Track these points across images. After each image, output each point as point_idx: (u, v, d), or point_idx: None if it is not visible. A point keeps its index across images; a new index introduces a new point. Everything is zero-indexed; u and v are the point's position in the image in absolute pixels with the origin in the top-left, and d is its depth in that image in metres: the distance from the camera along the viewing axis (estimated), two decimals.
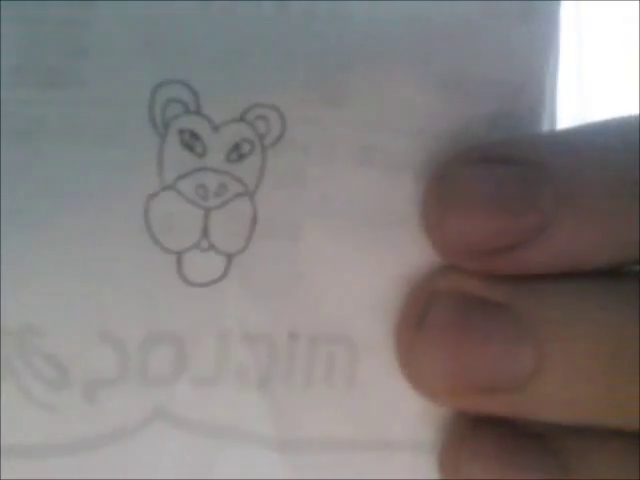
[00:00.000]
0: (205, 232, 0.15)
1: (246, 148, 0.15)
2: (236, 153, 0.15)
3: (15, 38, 0.15)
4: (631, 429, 0.14)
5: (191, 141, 0.15)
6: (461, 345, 0.14)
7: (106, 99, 0.15)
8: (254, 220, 0.15)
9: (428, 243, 0.15)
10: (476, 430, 0.15)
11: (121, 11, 0.15)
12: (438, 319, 0.15)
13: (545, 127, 0.16)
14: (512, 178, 0.14)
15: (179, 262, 0.15)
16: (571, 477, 0.15)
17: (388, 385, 0.16)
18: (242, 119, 0.15)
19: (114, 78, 0.15)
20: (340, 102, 0.15)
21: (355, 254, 0.16)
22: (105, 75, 0.15)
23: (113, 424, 0.15)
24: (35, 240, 0.15)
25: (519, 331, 0.14)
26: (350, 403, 0.16)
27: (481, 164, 0.15)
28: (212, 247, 0.15)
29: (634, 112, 0.15)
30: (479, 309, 0.15)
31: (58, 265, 0.15)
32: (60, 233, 0.15)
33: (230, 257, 0.15)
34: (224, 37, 0.15)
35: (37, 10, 0.15)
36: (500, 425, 0.15)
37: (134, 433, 0.15)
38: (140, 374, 0.15)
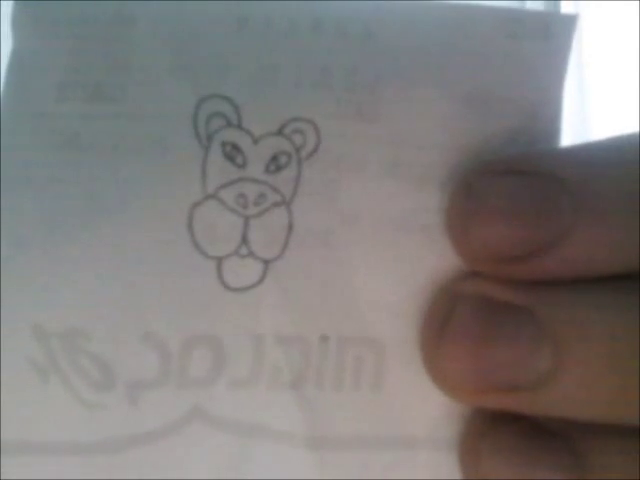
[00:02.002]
0: (244, 239, 0.16)
1: (283, 160, 0.16)
2: (274, 164, 0.16)
3: (61, 55, 0.15)
4: None
5: (232, 153, 0.15)
6: (483, 345, 0.15)
7: (149, 113, 0.15)
8: (290, 228, 0.16)
9: (452, 250, 0.16)
10: (496, 426, 0.16)
11: (161, 29, 0.15)
12: (462, 320, 0.15)
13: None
14: (532, 190, 0.15)
15: (219, 268, 0.16)
16: (588, 477, 0.15)
17: (412, 386, 0.17)
18: (280, 132, 0.16)
19: (157, 93, 0.15)
20: (371, 117, 0.16)
21: (383, 260, 0.16)
22: (148, 90, 0.15)
23: (153, 423, 0.16)
24: (81, 247, 0.15)
25: (539, 332, 0.15)
26: (376, 403, 0.17)
27: (503, 176, 0.15)
28: (250, 254, 0.16)
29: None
30: (501, 311, 0.15)
31: (103, 270, 0.15)
32: (105, 240, 0.15)
33: (267, 263, 0.16)
34: (261, 54, 0.16)
35: (81, 28, 0.15)
36: (520, 422, 0.16)
37: (172, 432, 0.16)
38: (180, 375, 0.16)
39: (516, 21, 0.16)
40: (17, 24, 0.16)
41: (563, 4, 0.64)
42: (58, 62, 0.15)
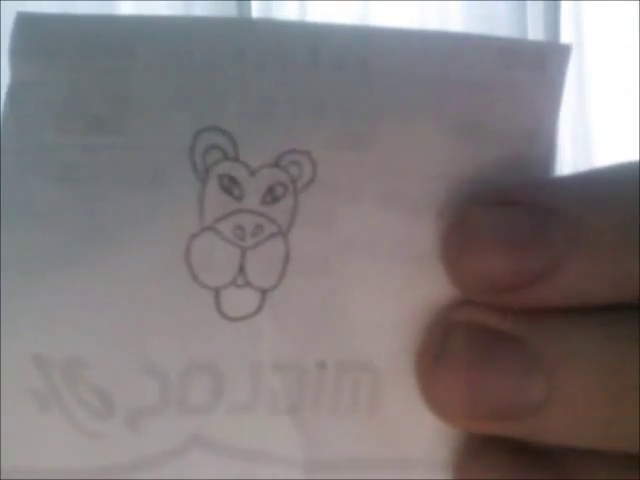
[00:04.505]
0: (241, 269, 0.16)
1: (280, 191, 0.16)
2: (270, 196, 0.16)
3: (60, 86, 0.16)
4: (633, 453, 0.15)
5: (230, 185, 0.16)
6: (476, 374, 0.15)
7: (148, 145, 0.16)
8: (287, 258, 0.16)
9: (446, 278, 0.16)
10: (488, 446, 0.16)
11: (160, 60, 0.16)
12: (456, 349, 0.16)
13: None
14: (525, 221, 0.15)
15: (217, 297, 0.16)
16: None
17: (407, 409, 0.17)
18: (276, 164, 0.16)
19: (155, 125, 0.16)
20: (365, 147, 0.16)
21: (378, 287, 0.17)
22: (146, 122, 0.16)
23: (153, 450, 0.16)
24: (80, 277, 0.16)
25: (531, 363, 0.15)
26: (372, 426, 0.17)
27: (497, 208, 0.16)
28: (248, 283, 0.16)
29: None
30: (494, 341, 0.16)
31: (102, 301, 0.16)
32: (104, 271, 0.16)
33: (264, 293, 0.16)
34: (258, 85, 0.16)
35: (80, 59, 0.16)
36: (510, 442, 0.16)
37: (173, 458, 0.16)
38: (180, 402, 0.16)
39: (512, 52, 0.16)
40: (15, 54, 0.16)
41: (563, 4, 0.64)
42: (57, 93, 0.16)
